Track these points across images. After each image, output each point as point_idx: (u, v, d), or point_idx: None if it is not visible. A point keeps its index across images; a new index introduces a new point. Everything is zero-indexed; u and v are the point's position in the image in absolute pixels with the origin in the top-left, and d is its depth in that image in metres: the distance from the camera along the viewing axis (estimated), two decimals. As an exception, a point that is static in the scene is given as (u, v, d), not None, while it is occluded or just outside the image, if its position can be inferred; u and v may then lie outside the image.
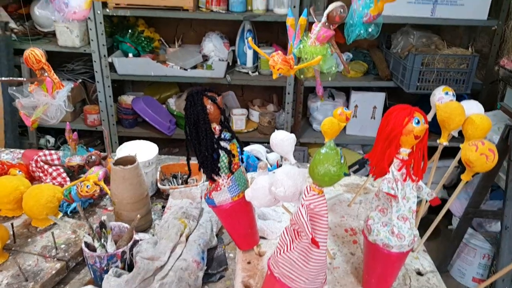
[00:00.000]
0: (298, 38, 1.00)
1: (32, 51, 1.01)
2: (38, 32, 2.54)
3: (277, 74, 0.94)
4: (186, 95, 0.82)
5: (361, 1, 0.94)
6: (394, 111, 0.72)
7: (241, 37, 2.56)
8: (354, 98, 2.57)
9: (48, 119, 1.06)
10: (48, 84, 1.02)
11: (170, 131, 2.68)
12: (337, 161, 0.61)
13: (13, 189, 1.07)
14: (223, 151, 0.81)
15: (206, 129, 0.79)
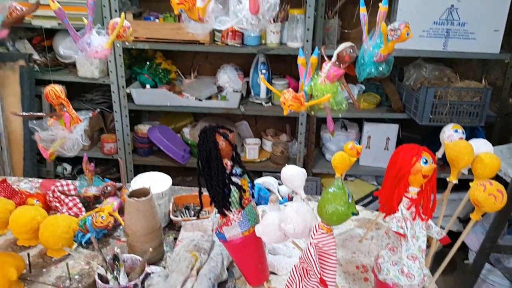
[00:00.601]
0: (309, 76, 1.03)
1: (52, 87, 1.07)
2: (59, 63, 2.65)
3: (288, 110, 0.96)
4: (199, 132, 0.84)
5: (372, 41, 0.97)
6: (402, 150, 0.74)
7: (255, 69, 2.62)
8: (367, 129, 2.58)
9: (65, 152, 1.10)
10: (66, 119, 1.07)
11: (184, 160, 2.72)
12: (345, 200, 0.63)
13: (30, 219, 1.10)
14: (234, 187, 0.83)
15: (218, 164, 0.81)
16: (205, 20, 0.91)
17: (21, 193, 1.30)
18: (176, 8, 0.87)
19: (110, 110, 2.72)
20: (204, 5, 0.89)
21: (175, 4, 0.86)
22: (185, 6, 0.87)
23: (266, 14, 0.89)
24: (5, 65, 2.41)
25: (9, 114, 2.43)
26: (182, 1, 0.86)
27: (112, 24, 0.94)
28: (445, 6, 2.22)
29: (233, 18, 0.91)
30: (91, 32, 0.93)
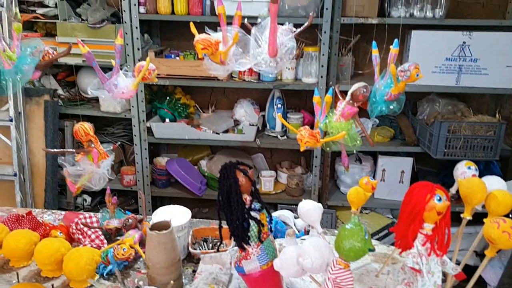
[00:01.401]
0: (324, 113, 1.07)
1: (81, 125, 1.13)
2: (82, 98, 2.76)
3: (304, 147, 1.00)
4: (220, 168, 0.89)
5: (383, 81, 1.02)
6: (416, 187, 0.76)
7: (271, 104, 2.69)
8: (382, 162, 2.60)
9: (91, 186, 1.16)
10: (94, 154, 1.13)
11: (201, 192, 2.76)
12: (361, 237, 0.65)
13: (54, 251, 1.14)
14: (253, 221, 0.86)
15: (238, 200, 0.85)
16: (226, 63, 0.98)
17: (45, 225, 1.35)
18: (201, 53, 0.94)
19: (130, 143, 2.81)
20: (226, 50, 0.95)
21: (200, 49, 0.93)
22: (209, 51, 0.93)
23: (284, 57, 0.94)
24: (31, 100, 2.53)
25: (33, 147, 2.53)
26: (206, 46, 0.92)
27: (138, 67, 1.01)
28: (457, 43, 2.27)
29: (253, 61, 0.97)
30: (118, 74, 1.00)
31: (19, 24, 1.01)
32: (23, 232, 1.21)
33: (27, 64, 0.96)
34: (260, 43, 0.96)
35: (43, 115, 2.51)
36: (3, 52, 0.95)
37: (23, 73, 0.96)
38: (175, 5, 2.44)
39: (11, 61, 0.96)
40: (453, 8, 2.43)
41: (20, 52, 0.98)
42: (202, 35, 0.95)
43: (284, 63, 0.95)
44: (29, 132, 2.50)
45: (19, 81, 0.95)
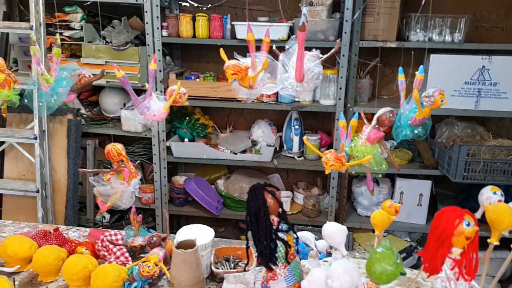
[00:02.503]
0: (349, 137, 1.09)
1: (113, 145, 1.17)
2: (104, 117, 2.83)
3: (329, 170, 1.02)
4: (248, 189, 0.91)
5: (408, 106, 1.04)
6: (445, 212, 0.78)
7: (288, 125, 2.72)
8: (400, 185, 2.59)
9: (121, 204, 1.19)
10: (125, 173, 1.16)
11: (218, 211, 2.77)
12: (393, 260, 0.66)
13: (82, 267, 1.17)
14: (280, 242, 0.88)
15: (266, 221, 0.87)
16: (254, 87, 1.01)
17: (71, 241, 1.38)
18: (231, 78, 0.98)
19: (149, 161, 2.86)
20: (255, 75, 0.99)
21: (230, 74, 0.97)
22: (239, 76, 0.97)
23: (310, 82, 0.98)
24: (55, 119, 2.60)
25: (56, 165, 2.59)
26: (236, 71, 0.96)
27: (170, 91, 1.05)
28: (476, 67, 2.28)
29: (280, 85, 1.01)
30: (151, 97, 1.04)
31: (58, 49, 1.07)
32: (51, 248, 1.24)
33: (62, 86, 1.01)
34: (287, 69, 0.99)
35: (66, 133, 2.57)
36: (41, 76, 1.00)
37: (58, 95, 1.01)
38: (197, 29, 2.52)
39: (48, 84, 1.01)
40: (472, 32, 2.46)
41: (57, 75, 1.03)
42: (232, 61, 0.99)
43: (310, 88, 0.98)
44: (52, 150, 2.56)
45: (53, 102, 0.99)
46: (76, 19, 2.52)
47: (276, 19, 2.61)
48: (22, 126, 2.58)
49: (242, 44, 2.48)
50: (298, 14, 2.58)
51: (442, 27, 2.31)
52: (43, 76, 1.01)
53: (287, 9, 2.74)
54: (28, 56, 2.68)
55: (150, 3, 2.40)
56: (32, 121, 2.47)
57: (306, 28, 0.94)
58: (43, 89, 1.01)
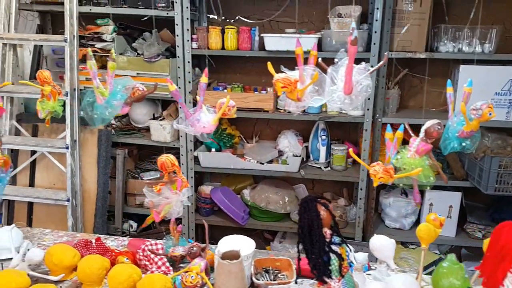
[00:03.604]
0: (395, 149, 1.09)
1: (167, 157, 1.20)
2: (133, 127, 2.88)
3: (378, 182, 1.02)
4: (300, 201, 0.92)
5: (456, 118, 1.04)
6: (505, 227, 0.77)
7: (315, 135, 2.72)
8: (429, 196, 2.56)
9: (173, 213, 1.21)
10: (178, 183, 1.18)
11: (244, 221, 2.78)
12: (461, 275, 0.66)
13: (127, 276, 1.18)
14: (334, 255, 0.88)
15: (320, 233, 0.87)
16: (302, 100, 1.02)
17: (112, 251, 1.40)
18: (280, 91, 0.99)
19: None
20: (304, 88, 1.00)
21: (279, 87, 0.98)
22: (288, 89, 0.98)
23: (359, 94, 0.98)
24: (85, 129, 2.65)
25: (85, 174, 2.64)
26: (286, 84, 0.98)
27: (219, 104, 1.07)
28: (507, 77, 2.26)
29: (327, 97, 1.02)
30: (201, 110, 1.06)
31: (113, 63, 1.10)
32: (96, 257, 1.26)
33: (117, 99, 1.04)
34: (335, 81, 1.00)
35: (97, 143, 2.62)
36: (96, 89, 1.03)
37: (113, 108, 1.04)
38: (226, 41, 2.55)
39: (103, 96, 1.04)
40: (502, 43, 2.43)
41: (112, 88, 1.06)
42: (281, 74, 1.01)
43: (359, 101, 0.99)
44: (82, 159, 2.61)
45: (108, 115, 1.02)
46: (107, 31, 2.58)
47: (304, 30, 2.63)
48: (53, 136, 2.64)
49: (270, 56, 2.51)
50: (326, 25, 2.59)
51: (471, 38, 2.30)
52: (98, 89, 1.04)
53: (314, 20, 2.76)
54: (60, 68, 2.75)
55: (181, 16, 2.45)
56: (63, 131, 2.52)
57: (357, 42, 0.94)
58: (98, 102, 1.04)
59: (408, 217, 2.63)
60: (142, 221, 2.93)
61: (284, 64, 1.08)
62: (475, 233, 2.51)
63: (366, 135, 2.45)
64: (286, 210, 2.79)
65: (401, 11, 2.37)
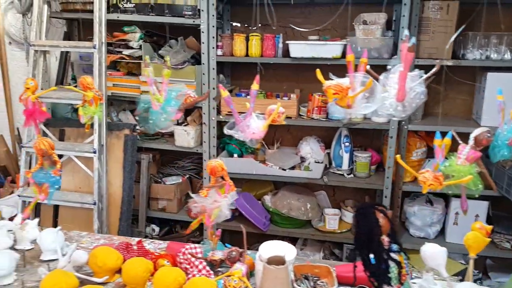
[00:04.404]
0: (443, 156, 1.10)
1: (217, 162, 1.22)
2: (157, 132, 2.90)
3: (427, 189, 1.03)
4: (356, 208, 0.92)
5: (507, 126, 1.04)
6: None
7: (338, 142, 2.72)
8: (455, 205, 2.55)
9: (222, 216, 1.23)
10: (227, 187, 1.20)
11: (265, 227, 2.78)
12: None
13: (173, 279, 1.19)
14: (393, 262, 0.88)
15: (379, 241, 0.88)
16: (352, 107, 1.03)
17: (152, 254, 1.42)
18: (331, 98, 1.00)
19: (198, 176, 2.90)
20: (355, 95, 1.01)
21: (331, 94, 0.99)
22: (339, 96, 1.00)
23: (411, 101, 0.99)
24: (112, 134, 2.68)
25: (111, 178, 2.66)
26: (338, 91, 0.99)
27: (269, 110, 1.08)
28: (536, 86, 2.25)
29: (379, 104, 1.03)
30: (251, 116, 1.07)
31: (168, 71, 1.12)
32: (140, 260, 1.27)
33: (171, 106, 1.06)
34: (387, 88, 1.01)
35: (123, 148, 2.65)
36: (153, 95, 1.06)
37: (167, 114, 1.06)
38: (250, 48, 2.58)
39: (159, 103, 1.07)
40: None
41: (167, 95, 1.08)
42: (332, 81, 1.02)
43: (412, 108, 1.00)
44: (109, 164, 2.64)
45: (163, 121, 1.04)
46: (134, 38, 2.62)
47: (328, 37, 2.65)
48: (80, 140, 2.67)
49: (294, 62, 2.53)
50: (349, 32, 2.61)
51: (499, 45, 2.30)
52: (154, 95, 1.06)
53: (337, 27, 2.77)
54: (86, 74, 2.79)
55: (207, 24, 2.48)
56: (89, 136, 2.56)
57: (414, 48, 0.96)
58: (154, 108, 1.06)
59: (433, 226, 2.61)
60: (164, 225, 2.99)
61: (307, 70, 1.10)
62: (502, 243, 2.49)
63: (391, 142, 2.45)
64: (308, 217, 2.79)
65: (427, 18, 2.38)
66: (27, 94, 1.46)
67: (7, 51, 3.22)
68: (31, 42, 2.52)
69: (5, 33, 3.16)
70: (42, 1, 2.54)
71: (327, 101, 2.61)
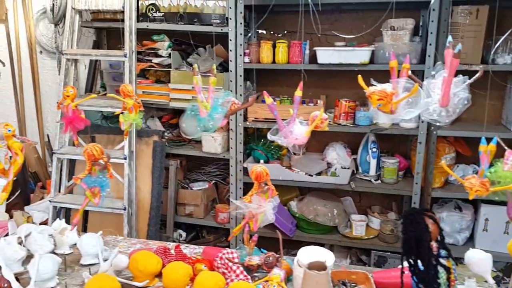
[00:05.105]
0: (488, 162, 1.09)
1: (262, 167, 1.23)
2: (184, 139, 2.94)
3: (473, 195, 1.02)
4: (403, 214, 0.93)
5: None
6: None
7: (365, 147, 2.72)
8: (484, 211, 2.50)
9: (266, 220, 1.25)
10: (270, 192, 1.22)
11: (292, 233, 2.78)
12: None
13: (214, 283, 1.21)
14: (442, 268, 0.88)
15: (428, 246, 0.88)
16: (395, 112, 1.04)
17: (189, 258, 1.44)
18: (375, 103, 1.01)
19: (224, 182, 2.93)
20: (399, 101, 1.02)
21: (375, 100, 1.00)
22: (384, 102, 1.00)
23: (455, 107, 0.99)
24: (141, 140, 2.73)
25: (140, 183, 2.71)
26: (382, 97, 0.99)
27: (312, 116, 1.09)
28: None
29: (421, 109, 1.03)
30: (295, 122, 1.09)
31: (214, 79, 1.15)
32: (180, 264, 1.30)
33: (218, 112, 1.08)
34: (431, 94, 1.02)
35: (151, 154, 2.70)
36: (201, 103, 1.08)
37: (214, 120, 1.08)
38: (276, 55, 2.60)
39: (206, 110, 1.09)
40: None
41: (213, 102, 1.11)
42: (376, 87, 1.03)
43: (456, 114, 1.00)
44: (138, 170, 2.68)
45: (212, 127, 1.07)
46: (163, 47, 2.67)
47: (354, 43, 2.65)
48: (109, 147, 2.73)
49: (321, 69, 2.55)
50: (377, 38, 2.61)
51: (530, 49, 2.27)
52: (203, 103, 1.09)
53: (364, 34, 2.77)
54: (116, 82, 2.85)
55: (235, 32, 2.51)
56: (119, 142, 2.61)
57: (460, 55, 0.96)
58: (202, 115, 1.09)
59: (462, 232, 2.57)
60: (191, 230, 3.02)
61: (333, 76, 1.10)
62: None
63: (420, 147, 2.43)
64: (335, 223, 2.78)
65: (456, 23, 2.36)
66: (67, 102, 1.51)
67: (38, 60, 3.32)
68: (63, 51, 2.60)
69: (36, 42, 3.26)
70: (74, 11, 2.61)
71: (354, 107, 2.61)
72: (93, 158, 1.18)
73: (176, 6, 2.54)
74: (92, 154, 1.16)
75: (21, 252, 1.38)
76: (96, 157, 1.17)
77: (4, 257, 1.31)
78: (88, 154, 1.16)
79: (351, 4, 2.58)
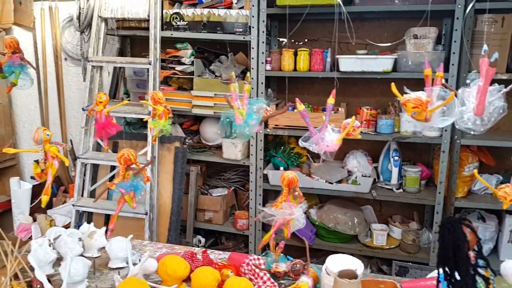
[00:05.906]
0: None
1: (293, 173, 1.25)
2: (204, 145, 2.97)
3: (508, 204, 1.01)
4: (441, 222, 0.92)
5: None
6: None
7: (386, 156, 2.70)
8: (510, 222, 2.46)
9: (296, 226, 1.26)
10: (299, 198, 1.23)
11: (311, 241, 2.78)
12: None
13: (242, 289, 1.22)
14: (480, 278, 0.87)
15: (466, 256, 0.87)
16: (429, 120, 1.04)
17: (216, 263, 1.45)
18: (410, 111, 1.01)
19: (243, 188, 2.94)
20: (434, 108, 1.02)
21: (410, 108, 1.00)
22: (419, 109, 1.00)
23: (491, 116, 0.99)
24: (163, 146, 2.77)
25: (161, 189, 2.73)
26: (418, 105, 1.00)
27: (344, 124, 1.10)
28: None
29: (456, 118, 1.02)
30: (326, 129, 1.09)
31: (249, 86, 1.16)
32: (209, 269, 1.31)
33: (253, 119, 1.10)
34: (465, 102, 1.01)
35: (173, 160, 2.72)
36: (237, 110, 1.10)
37: (249, 127, 1.10)
38: (298, 63, 2.62)
39: (242, 117, 1.11)
40: None
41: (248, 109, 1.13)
42: (411, 95, 1.03)
43: (491, 123, 0.99)
44: (159, 175, 2.71)
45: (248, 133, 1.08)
46: (186, 55, 2.71)
47: (376, 51, 2.65)
48: (132, 152, 2.76)
49: (342, 76, 2.54)
50: (399, 46, 2.60)
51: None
52: (239, 110, 1.11)
53: (385, 41, 2.77)
54: (140, 89, 2.90)
55: (257, 40, 2.54)
56: (142, 148, 2.64)
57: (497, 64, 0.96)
58: (237, 122, 1.11)
59: (485, 243, 2.53)
60: (210, 236, 3.03)
61: (354, 85, 1.10)
62: None
63: (443, 156, 2.41)
64: (355, 232, 2.76)
65: (480, 32, 2.35)
66: (99, 108, 1.54)
67: (63, 66, 3.39)
68: (89, 58, 2.65)
69: (61, 49, 3.34)
70: (100, 19, 2.67)
71: (375, 115, 2.60)
72: (129, 162, 1.20)
73: (199, 15, 2.58)
74: (129, 159, 1.19)
75: (53, 255, 1.41)
76: (132, 161, 1.20)
77: (36, 259, 1.34)
78: (125, 159, 1.19)
79: (374, 12, 2.58)
